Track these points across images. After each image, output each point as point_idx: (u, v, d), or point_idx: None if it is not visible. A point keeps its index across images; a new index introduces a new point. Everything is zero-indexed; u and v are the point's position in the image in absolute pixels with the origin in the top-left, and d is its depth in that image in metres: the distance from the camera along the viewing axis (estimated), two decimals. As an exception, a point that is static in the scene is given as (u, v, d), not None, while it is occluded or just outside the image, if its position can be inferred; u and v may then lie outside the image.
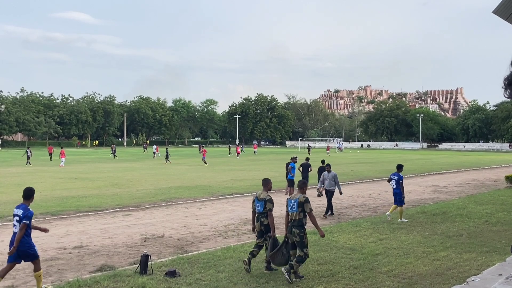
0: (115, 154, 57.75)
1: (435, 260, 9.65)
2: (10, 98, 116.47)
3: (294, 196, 8.76)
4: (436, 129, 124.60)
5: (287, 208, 8.77)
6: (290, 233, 8.58)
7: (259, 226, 9.02)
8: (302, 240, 8.43)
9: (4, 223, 14.29)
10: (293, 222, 8.54)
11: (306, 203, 8.51)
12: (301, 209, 8.48)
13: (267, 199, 9.02)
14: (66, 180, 27.86)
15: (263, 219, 8.99)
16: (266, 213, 8.96)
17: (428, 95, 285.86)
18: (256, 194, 9.34)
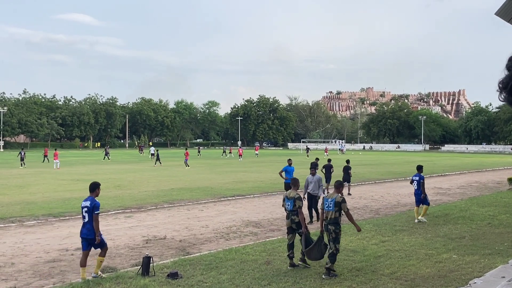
0: (108, 156, 57.03)
1: (438, 262, 9.63)
2: (12, 100, 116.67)
3: (331, 196, 9.19)
4: (439, 131, 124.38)
5: (322, 206, 9.26)
6: (325, 230, 9.08)
7: (290, 223, 9.61)
8: (338, 236, 9.01)
9: (7, 225, 14.30)
10: (329, 220, 9.03)
11: (343, 203, 9.05)
12: (338, 208, 8.97)
13: (296, 197, 9.57)
14: (69, 182, 27.89)
15: (293, 216, 9.56)
16: (296, 211, 9.48)
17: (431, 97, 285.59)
18: (286, 193, 9.89)
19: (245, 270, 9.04)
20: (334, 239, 8.95)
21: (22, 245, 11.55)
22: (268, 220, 15.38)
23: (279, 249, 10.71)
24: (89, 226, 8.61)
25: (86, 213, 8.66)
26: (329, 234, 9.00)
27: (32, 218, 15.40)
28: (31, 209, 17.25)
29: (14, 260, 10.10)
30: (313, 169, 15.25)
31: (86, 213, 8.67)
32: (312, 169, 15.25)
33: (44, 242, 11.90)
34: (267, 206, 18.62)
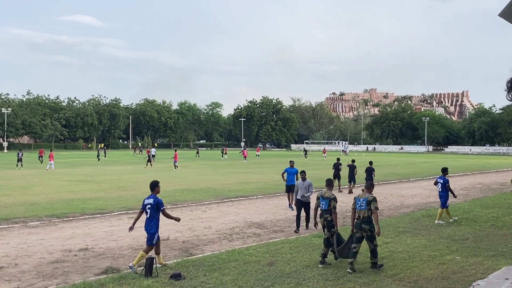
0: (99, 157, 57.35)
1: (441, 264, 9.61)
2: (16, 101, 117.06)
3: (363, 195, 9.52)
4: (442, 132, 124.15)
5: (354, 206, 9.56)
6: (359, 229, 9.35)
7: (323, 222, 10.00)
8: (373, 234, 9.30)
9: (10, 225, 14.35)
10: (362, 219, 9.35)
11: (374, 202, 9.39)
12: (369, 207, 9.32)
13: (332, 197, 9.99)
14: (72, 183, 27.95)
15: (326, 215, 9.95)
16: (330, 210, 9.89)
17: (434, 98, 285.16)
18: (321, 193, 10.19)
19: (248, 271, 9.04)
20: (370, 237, 9.30)
21: (25, 245, 11.58)
22: (271, 221, 15.38)
23: (282, 250, 10.71)
24: (150, 222, 9.34)
25: (149, 210, 9.32)
26: (363, 233, 9.32)
27: (35, 219, 15.44)
28: (34, 210, 17.30)
29: (17, 260, 10.13)
30: (303, 173, 14.26)
31: (149, 209, 9.32)
32: (302, 173, 14.28)
33: (47, 243, 11.93)
34: (270, 207, 18.62)
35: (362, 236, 9.36)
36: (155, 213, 9.34)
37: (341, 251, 9.61)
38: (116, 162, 54.58)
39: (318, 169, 41.89)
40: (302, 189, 13.79)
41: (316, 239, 11.90)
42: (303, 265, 9.51)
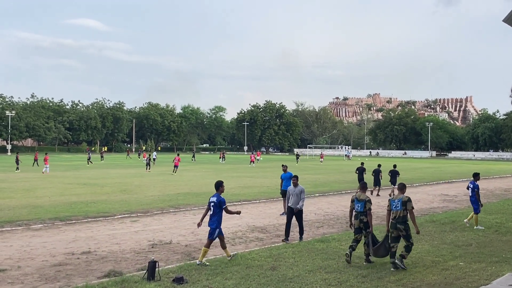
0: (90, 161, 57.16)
1: (444, 270, 9.57)
2: (20, 104, 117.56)
3: (397, 197, 10.01)
4: (445, 138, 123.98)
5: (389, 207, 10.02)
6: (394, 229, 9.80)
7: (358, 223, 10.31)
8: (408, 233, 9.75)
9: (13, 228, 14.37)
10: (397, 219, 9.79)
11: (409, 202, 9.81)
12: (405, 207, 9.74)
13: (367, 200, 10.38)
14: (75, 186, 27.99)
15: (362, 217, 10.30)
16: (366, 212, 10.25)
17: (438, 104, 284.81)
18: (356, 195, 10.55)
19: (250, 275, 9.02)
20: (406, 236, 9.75)
21: (28, 248, 11.60)
22: (273, 225, 15.36)
23: (285, 255, 10.69)
24: (213, 218, 10.12)
25: (212, 207, 10.14)
26: (399, 232, 9.74)
27: (38, 222, 15.46)
28: (37, 212, 17.32)
29: (20, 263, 10.14)
30: (295, 179, 13.06)
31: (212, 207, 10.14)
32: (294, 179, 13.06)
33: (50, 245, 11.94)
34: (273, 211, 18.60)
35: (399, 235, 9.79)
36: (218, 210, 10.11)
37: (376, 251, 10.00)
38: (118, 165, 54.62)
39: (320, 174, 41.85)
40: (293, 196, 12.69)
41: (319, 244, 11.89)
42: (306, 269, 9.48)
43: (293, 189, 12.79)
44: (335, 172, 45.04)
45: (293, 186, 12.82)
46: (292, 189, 12.81)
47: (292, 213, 12.69)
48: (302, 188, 12.83)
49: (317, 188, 27.88)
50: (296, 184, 12.83)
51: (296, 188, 12.73)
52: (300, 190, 12.72)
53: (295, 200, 12.62)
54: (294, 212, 12.64)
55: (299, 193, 12.63)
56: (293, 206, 12.61)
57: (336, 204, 20.93)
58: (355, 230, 10.44)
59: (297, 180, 12.97)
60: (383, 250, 9.96)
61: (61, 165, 55.37)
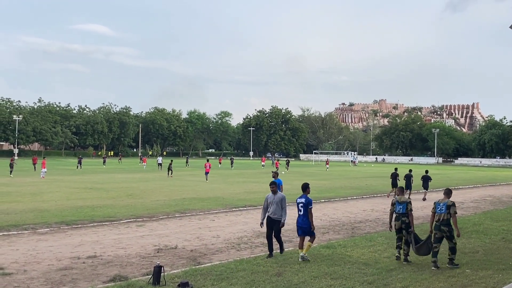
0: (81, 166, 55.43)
1: (451, 277, 9.52)
2: (27, 108, 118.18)
3: (442, 200, 10.69)
4: (452, 144, 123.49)
5: (434, 210, 10.71)
6: (438, 230, 10.45)
7: (400, 224, 11.00)
8: (451, 234, 10.41)
9: (20, 232, 14.42)
10: (441, 221, 10.45)
11: (453, 206, 10.51)
12: (449, 211, 10.43)
13: (408, 201, 11.14)
14: (81, 190, 28.08)
15: (404, 218, 10.99)
16: (407, 213, 10.96)
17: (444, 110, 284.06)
18: (397, 198, 11.28)
19: (256, 281, 9.00)
20: (449, 237, 10.43)
21: (34, 252, 11.63)
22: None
23: (290, 261, 10.66)
24: (304, 217, 10.81)
25: (301, 208, 10.87)
26: (442, 234, 10.41)
27: (45, 226, 15.52)
28: (44, 216, 17.39)
29: (26, 267, 10.17)
30: (273, 185, 11.42)
31: (301, 207, 10.87)
32: (273, 185, 11.42)
33: (56, 249, 11.97)
34: (279, 217, 18.55)
35: (442, 236, 10.43)
36: (307, 210, 10.81)
37: (419, 249, 10.62)
38: (124, 170, 54.77)
39: (325, 180, 41.77)
40: (273, 204, 11.21)
41: (325, 250, 11.85)
42: (312, 275, 9.45)
43: (272, 196, 11.33)
44: (341, 178, 44.94)
45: (272, 194, 11.34)
46: (271, 196, 11.33)
47: (272, 224, 11.21)
48: (283, 196, 11.35)
49: (322, 194, 27.82)
50: (276, 191, 11.36)
51: (276, 195, 11.28)
52: (280, 198, 11.26)
53: (274, 209, 11.20)
54: (273, 224, 11.20)
55: (279, 201, 11.16)
56: (272, 216, 11.18)
57: (342, 210, 20.87)
58: (396, 230, 11.14)
59: (276, 187, 11.43)
60: (425, 249, 10.55)
61: (68, 169, 55.55)
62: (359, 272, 9.81)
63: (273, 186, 11.38)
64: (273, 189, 11.34)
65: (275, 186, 11.43)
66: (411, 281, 9.16)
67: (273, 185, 11.43)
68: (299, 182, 39.12)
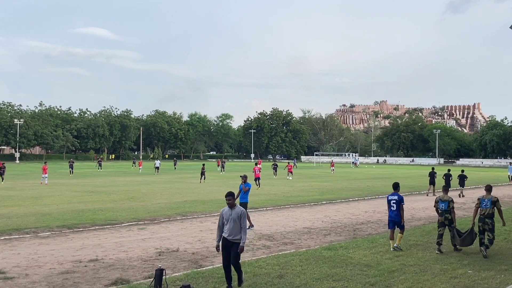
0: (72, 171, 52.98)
1: (453, 278, 9.50)
2: (29, 112, 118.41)
3: (486, 196, 11.97)
4: (453, 145, 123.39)
5: (478, 205, 12.01)
6: (483, 223, 11.82)
7: (443, 219, 12.22)
8: (493, 226, 11.77)
9: (21, 236, 14.42)
10: (486, 215, 11.80)
11: (497, 202, 11.87)
12: (493, 206, 11.79)
13: (450, 200, 12.30)
14: (82, 193, 28.08)
15: (447, 214, 12.20)
16: (450, 210, 12.16)
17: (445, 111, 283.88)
18: (439, 197, 12.55)
19: (257, 283, 8.99)
20: (491, 229, 11.73)
21: (36, 256, 11.63)
22: (281, 233, 15.32)
23: (292, 263, 10.65)
24: (396, 212, 12.27)
25: (394, 204, 12.33)
26: (486, 226, 11.75)
27: (46, 230, 15.51)
28: (45, 220, 17.38)
29: (28, 271, 10.17)
30: (230, 197, 8.67)
31: (394, 204, 12.33)
32: (229, 197, 8.67)
33: (58, 253, 11.97)
34: (280, 219, 18.55)
35: (485, 229, 11.74)
36: (399, 206, 12.24)
37: (463, 241, 11.83)
38: (126, 173, 54.77)
39: (327, 181, 41.75)
40: (229, 222, 8.62)
41: (326, 252, 11.83)
42: (313, 277, 9.44)
43: (228, 212, 8.68)
44: (342, 180, 44.90)
45: (229, 208, 8.72)
46: (227, 212, 8.69)
47: (228, 248, 8.67)
48: (242, 211, 8.71)
49: (324, 196, 27.80)
50: (233, 204, 8.69)
51: (233, 210, 8.65)
52: (239, 213, 8.64)
53: (231, 228, 8.59)
54: (231, 247, 8.65)
55: (237, 218, 8.62)
56: (229, 237, 8.62)
57: (344, 212, 20.85)
58: (439, 224, 12.31)
59: (233, 199, 8.71)
60: (469, 240, 11.77)
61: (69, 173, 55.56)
62: (361, 273, 9.79)
63: (230, 198, 8.65)
64: (230, 201, 8.66)
65: (233, 198, 8.68)
66: (413, 282, 9.14)
67: (230, 196, 8.67)
68: (302, 183, 38.95)
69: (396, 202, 12.32)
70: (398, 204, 12.24)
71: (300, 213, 20.24)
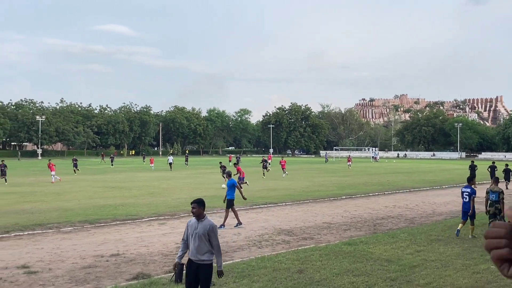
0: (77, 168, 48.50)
1: (475, 273, 9.38)
2: (50, 109, 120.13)
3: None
4: (475, 139, 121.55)
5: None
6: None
7: (493, 210, 12.78)
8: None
9: (44, 231, 14.65)
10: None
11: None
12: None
13: (500, 191, 12.85)
14: (104, 189, 28.41)
15: (497, 205, 12.77)
16: (499, 201, 12.74)
17: (467, 104, 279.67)
18: (490, 188, 13.06)
19: (277, 278, 9.00)
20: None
21: (59, 251, 11.81)
22: (300, 228, 15.29)
23: (312, 258, 10.62)
24: (469, 204, 13.12)
25: (466, 196, 13.22)
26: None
27: (68, 225, 15.74)
28: (67, 215, 17.64)
29: (51, 265, 10.33)
30: (194, 205, 6.71)
31: (466, 196, 13.22)
32: (193, 205, 6.73)
33: (80, 248, 12.14)
34: (299, 214, 18.52)
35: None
36: (471, 198, 13.10)
37: None
38: (145, 169, 55.20)
39: (347, 176, 41.53)
40: (195, 238, 6.63)
41: (346, 247, 11.78)
42: (333, 272, 9.41)
43: (194, 224, 6.74)
44: (362, 174, 44.61)
45: (196, 219, 6.75)
46: (193, 225, 6.75)
47: (195, 272, 6.69)
48: (211, 226, 6.66)
49: (344, 191, 27.66)
50: (201, 214, 6.72)
51: (201, 223, 6.68)
52: (206, 228, 6.62)
53: (197, 247, 6.63)
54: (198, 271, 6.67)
55: (203, 234, 6.58)
56: (194, 259, 6.67)
57: (364, 207, 20.72)
58: (489, 216, 12.90)
59: (201, 208, 6.72)
60: None
61: (90, 168, 56.30)
62: (381, 268, 9.73)
63: (194, 206, 6.72)
64: (193, 210, 6.73)
65: (198, 206, 6.69)
66: (434, 278, 9.05)
67: (195, 204, 6.74)
68: (321, 178, 38.73)
69: (469, 194, 13.20)
70: (470, 197, 13.14)
71: (319, 208, 20.18)
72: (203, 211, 6.73)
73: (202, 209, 6.70)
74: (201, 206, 6.69)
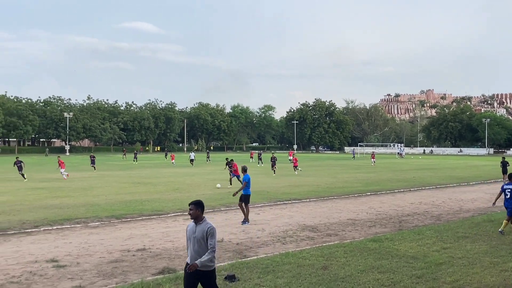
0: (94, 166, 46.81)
1: (503, 271, 9.22)
2: (77, 106, 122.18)
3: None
4: (504, 134, 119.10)
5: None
6: None
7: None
8: None
9: (72, 226, 14.94)
10: None
11: None
12: None
13: None
14: (130, 185, 28.80)
15: None
16: None
17: (495, 99, 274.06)
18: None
19: (302, 274, 9.00)
20: None
21: (86, 245, 12.03)
22: (324, 224, 15.25)
23: (336, 254, 10.59)
24: (510, 201, 12.86)
25: (508, 193, 12.91)
26: None
27: (96, 220, 16.02)
28: (95, 210, 17.95)
29: (79, 259, 10.54)
30: (193, 205, 6.42)
31: (508, 192, 12.91)
32: (191, 206, 6.44)
33: (107, 242, 12.34)
34: (324, 210, 18.47)
35: None
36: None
37: None
38: (169, 165, 55.69)
39: (372, 172, 41.18)
40: (193, 243, 6.38)
41: (371, 244, 11.70)
42: (358, 269, 9.37)
43: (192, 228, 6.46)
44: (387, 171, 44.19)
45: (193, 223, 6.49)
46: (191, 229, 6.47)
47: (195, 279, 6.39)
48: (209, 228, 6.39)
49: (368, 187, 27.46)
50: (199, 217, 6.45)
51: (199, 226, 6.42)
52: (204, 231, 6.37)
53: (196, 251, 6.37)
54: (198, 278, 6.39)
55: (202, 237, 6.36)
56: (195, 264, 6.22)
57: (389, 203, 20.54)
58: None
59: (199, 210, 6.45)
60: None
61: (116, 164, 57.10)
62: (407, 266, 9.64)
63: (191, 208, 6.43)
64: (192, 213, 6.42)
65: (196, 208, 6.41)
66: (461, 275, 8.93)
67: (192, 205, 6.45)
68: (346, 175, 38.58)
69: (511, 191, 12.97)
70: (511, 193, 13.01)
71: (344, 205, 20.08)
72: (202, 213, 6.42)
73: (200, 211, 6.40)
74: (198, 208, 6.40)
